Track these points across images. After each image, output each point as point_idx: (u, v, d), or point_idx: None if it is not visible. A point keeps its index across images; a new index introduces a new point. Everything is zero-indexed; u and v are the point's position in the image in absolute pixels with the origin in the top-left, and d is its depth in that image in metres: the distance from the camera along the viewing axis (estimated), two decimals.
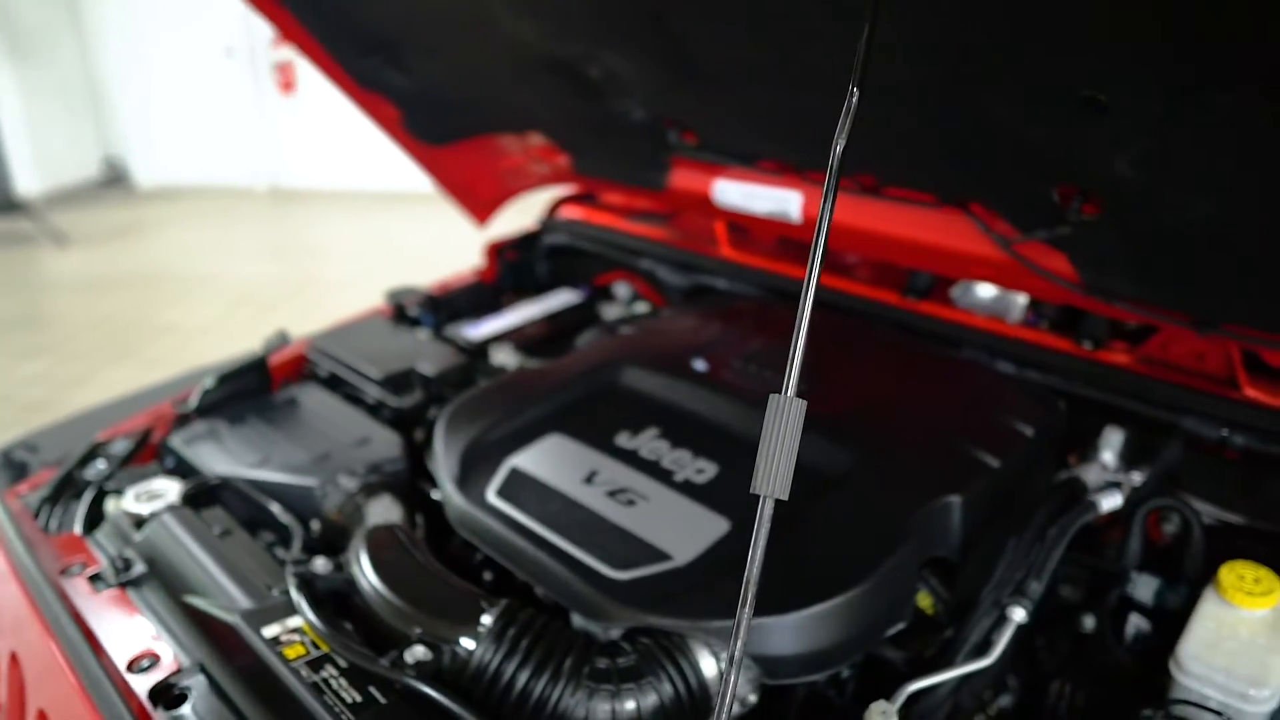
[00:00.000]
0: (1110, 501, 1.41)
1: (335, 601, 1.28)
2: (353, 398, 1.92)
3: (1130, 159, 1.21)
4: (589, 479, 1.46)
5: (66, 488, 1.60)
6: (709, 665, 1.19)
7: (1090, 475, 1.51)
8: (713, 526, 1.35)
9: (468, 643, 1.16)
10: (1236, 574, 1.34)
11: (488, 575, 1.47)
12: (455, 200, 2.50)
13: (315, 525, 1.52)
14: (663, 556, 1.29)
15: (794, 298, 2.03)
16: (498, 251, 2.52)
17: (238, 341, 5.65)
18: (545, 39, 1.71)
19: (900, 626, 1.30)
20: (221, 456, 1.62)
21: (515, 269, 2.55)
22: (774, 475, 0.83)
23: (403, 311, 2.20)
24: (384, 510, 1.45)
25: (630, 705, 1.13)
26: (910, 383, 1.66)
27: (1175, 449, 1.58)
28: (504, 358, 2.11)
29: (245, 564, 1.32)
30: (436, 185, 2.44)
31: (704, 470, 1.46)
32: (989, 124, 1.36)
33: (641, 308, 2.36)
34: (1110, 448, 1.54)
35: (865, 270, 2.23)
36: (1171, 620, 1.48)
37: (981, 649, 1.23)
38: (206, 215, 8.91)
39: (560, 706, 1.13)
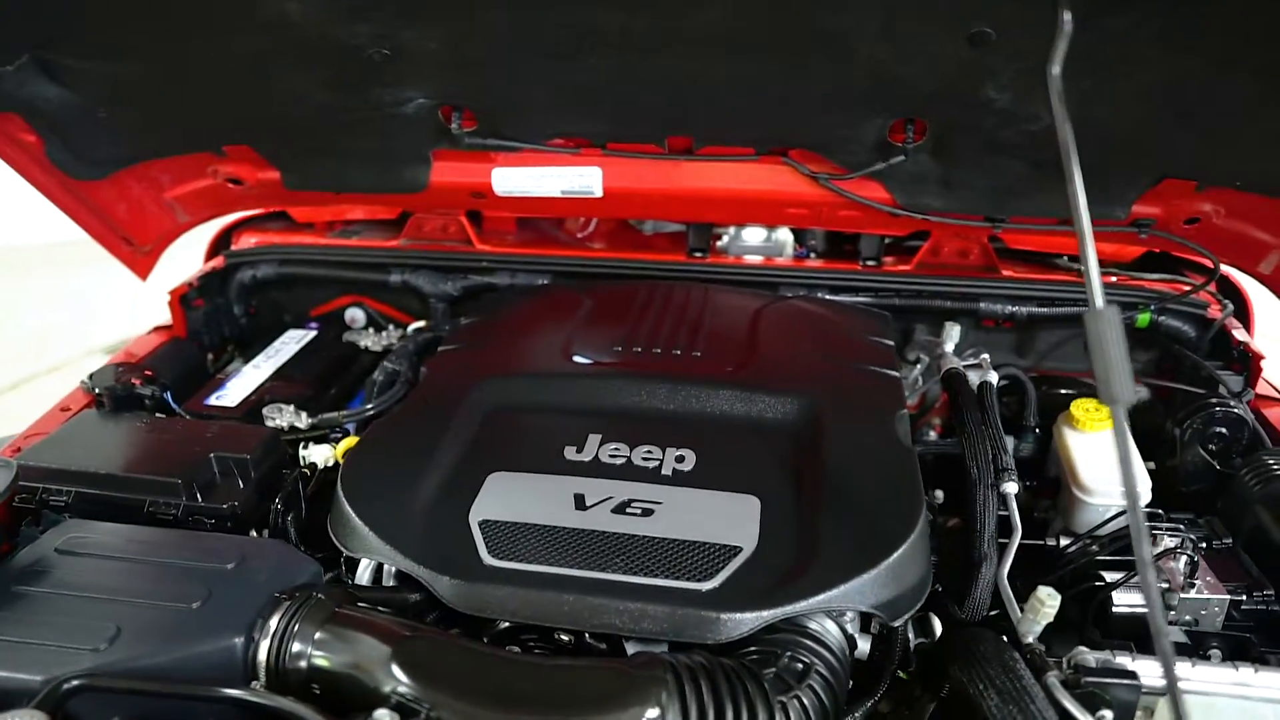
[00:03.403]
0: (992, 377, 1.61)
1: None
2: (133, 519, 1.36)
3: (999, 84, 1.37)
4: (580, 504, 1.24)
5: None
6: (832, 627, 1.12)
7: (948, 365, 1.70)
8: (745, 505, 1.24)
9: None
10: (1082, 409, 1.61)
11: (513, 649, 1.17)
12: (109, 248, 1.88)
13: (256, 686, 1.07)
14: (733, 550, 1.16)
15: (595, 276, 1.93)
16: (182, 300, 1.95)
17: None
18: (326, 20, 1.35)
19: None
20: (34, 657, 1.04)
21: (208, 317, 2.00)
22: (1122, 382, 0.79)
23: (128, 393, 1.60)
24: (365, 628, 1.06)
25: (812, 699, 1.01)
26: (776, 327, 1.68)
27: (968, 329, 1.86)
28: (287, 419, 1.66)
29: None
30: (87, 230, 1.80)
31: (684, 457, 1.33)
32: (840, 69, 1.41)
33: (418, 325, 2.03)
34: (951, 340, 1.75)
35: (600, 238, 2.20)
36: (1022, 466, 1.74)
37: (1004, 529, 1.34)
38: None
39: None
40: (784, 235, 2.04)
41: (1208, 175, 1.49)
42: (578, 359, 1.55)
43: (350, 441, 1.52)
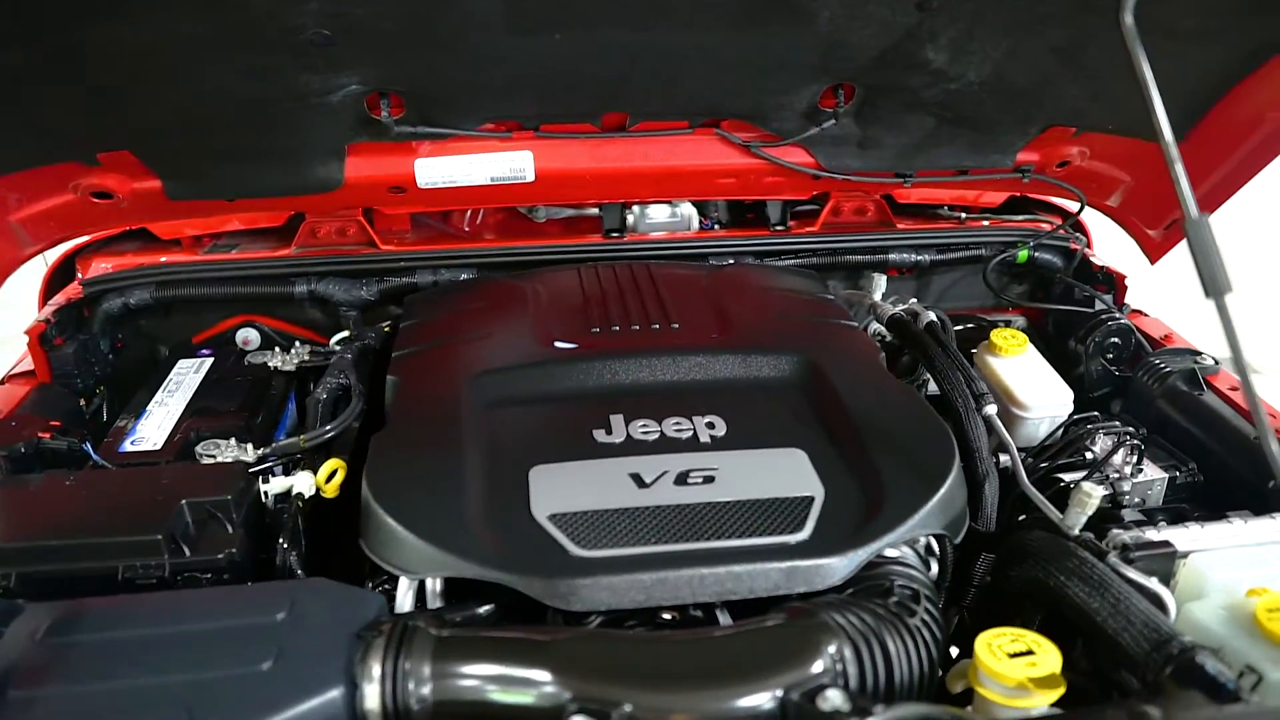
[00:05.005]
0: (929, 317, 1.72)
1: None
2: (104, 590, 1.12)
3: (937, 46, 1.46)
4: (640, 483, 1.19)
5: None
6: (911, 554, 1.17)
7: (888, 313, 1.78)
8: (793, 458, 1.24)
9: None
10: (1001, 336, 1.77)
11: None
12: None
13: None
14: (807, 500, 1.16)
15: (524, 264, 1.84)
16: (42, 340, 1.62)
17: None
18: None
19: None
20: None
21: (77, 357, 1.68)
22: (1222, 278, 0.87)
23: (34, 451, 1.29)
24: (490, 647, 0.95)
25: (930, 619, 1.03)
26: (734, 293, 1.67)
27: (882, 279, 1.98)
28: (230, 454, 1.44)
29: None
30: None
31: (714, 424, 1.31)
32: (798, 34, 1.45)
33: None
34: (879, 289, 1.85)
35: (489, 229, 2.11)
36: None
37: (998, 447, 1.44)
38: None
39: (918, 665, 0.99)
40: (688, 210, 2.06)
41: (1086, 121, 1.68)
42: (560, 344, 1.48)
43: (333, 464, 1.35)
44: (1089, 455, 1.54)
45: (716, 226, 2.07)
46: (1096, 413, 1.60)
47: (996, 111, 1.64)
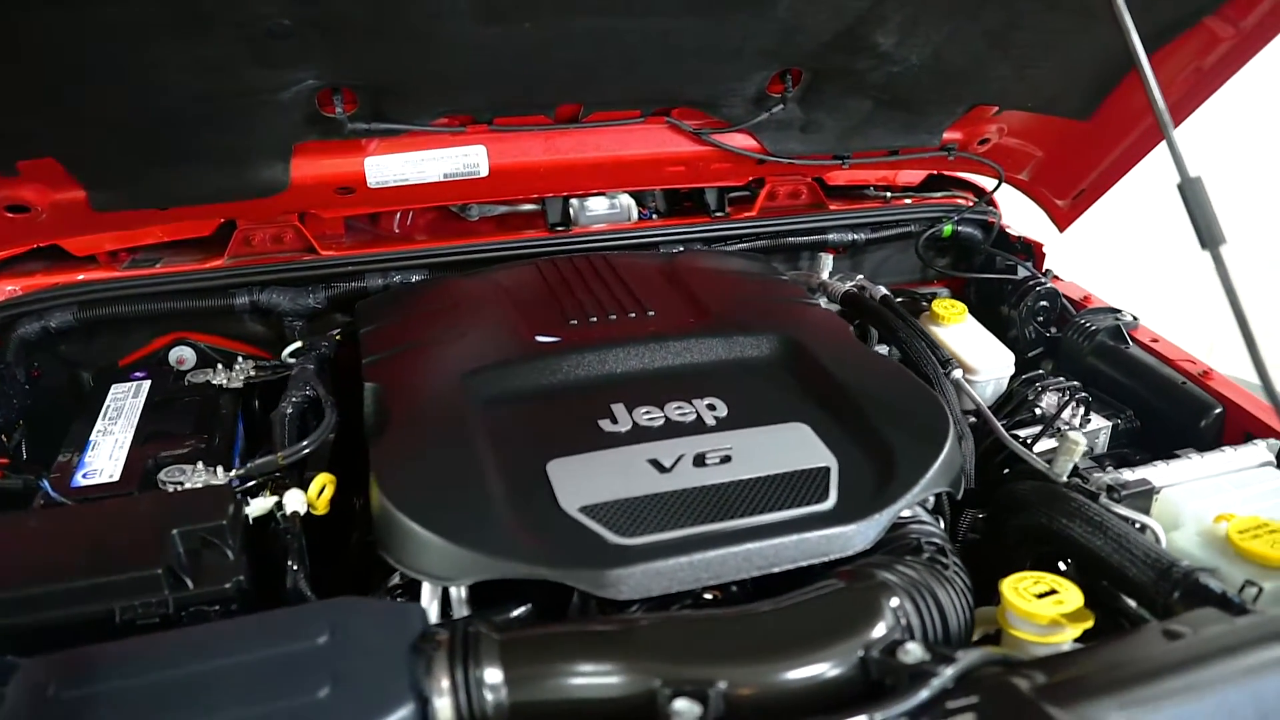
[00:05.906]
0: (880, 291, 1.78)
1: None
2: (97, 636, 1.01)
3: (886, 30, 1.51)
4: (660, 468, 1.19)
5: None
6: (923, 512, 1.22)
7: (842, 290, 1.83)
8: (800, 432, 1.26)
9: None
10: (942, 307, 1.86)
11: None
12: None
13: None
14: (823, 470, 1.19)
15: (477, 263, 1.79)
16: None
17: None
18: None
19: None
20: None
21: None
22: (1218, 231, 0.95)
23: None
24: (562, 644, 0.92)
25: (960, 569, 1.09)
26: (698, 279, 1.68)
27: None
28: (200, 479, 1.33)
29: None
30: None
31: (715, 406, 1.32)
32: (758, 21, 1.47)
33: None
34: (826, 269, 1.90)
35: (420, 230, 2.05)
36: None
37: (968, 411, 1.51)
38: None
39: (963, 611, 1.03)
40: (627, 200, 2.05)
41: (1008, 100, 1.79)
42: (541, 339, 1.45)
43: (323, 479, 1.27)
44: (1037, 411, 1.64)
45: (654, 215, 2.08)
46: (1041, 371, 1.71)
47: (930, 92, 1.72)
